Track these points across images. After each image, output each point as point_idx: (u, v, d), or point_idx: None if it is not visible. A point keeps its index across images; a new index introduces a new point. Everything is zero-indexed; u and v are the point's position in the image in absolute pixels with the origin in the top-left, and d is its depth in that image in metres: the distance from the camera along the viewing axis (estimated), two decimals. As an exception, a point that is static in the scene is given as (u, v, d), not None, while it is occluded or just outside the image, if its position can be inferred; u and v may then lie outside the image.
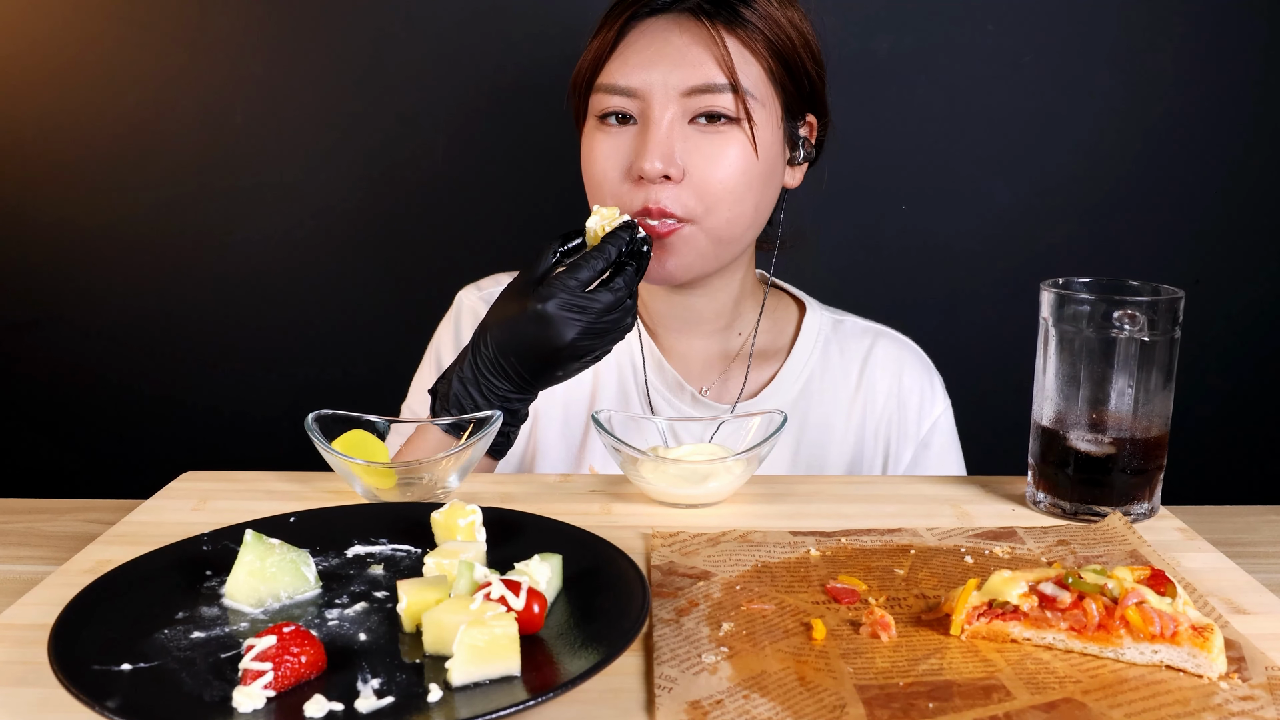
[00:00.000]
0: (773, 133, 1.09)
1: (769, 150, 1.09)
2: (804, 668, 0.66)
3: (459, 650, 0.61)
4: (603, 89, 1.09)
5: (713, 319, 1.20)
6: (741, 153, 1.06)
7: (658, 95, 1.06)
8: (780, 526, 0.89)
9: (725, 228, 1.08)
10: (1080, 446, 0.90)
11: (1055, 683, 0.64)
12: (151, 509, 0.93)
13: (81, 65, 1.55)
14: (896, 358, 1.23)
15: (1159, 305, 0.88)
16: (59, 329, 1.63)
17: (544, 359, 0.96)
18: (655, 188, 1.05)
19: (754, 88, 1.07)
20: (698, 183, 1.06)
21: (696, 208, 1.06)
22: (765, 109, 1.08)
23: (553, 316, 0.95)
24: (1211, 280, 1.60)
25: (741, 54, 1.06)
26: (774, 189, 1.12)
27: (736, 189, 1.07)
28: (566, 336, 0.95)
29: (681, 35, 1.07)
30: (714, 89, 1.05)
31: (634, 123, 1.08)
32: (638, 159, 1.05)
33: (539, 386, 1.00)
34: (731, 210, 1.07)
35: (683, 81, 1.05)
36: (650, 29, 1.08)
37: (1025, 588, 0.70)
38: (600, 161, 1.09)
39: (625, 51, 1.08)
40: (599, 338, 0.97)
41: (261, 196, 1.60)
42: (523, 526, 0.83)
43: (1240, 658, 0.67)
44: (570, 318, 0.95)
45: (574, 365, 0.99)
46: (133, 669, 0.63)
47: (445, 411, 0.99)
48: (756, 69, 1.07)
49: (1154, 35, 1.55)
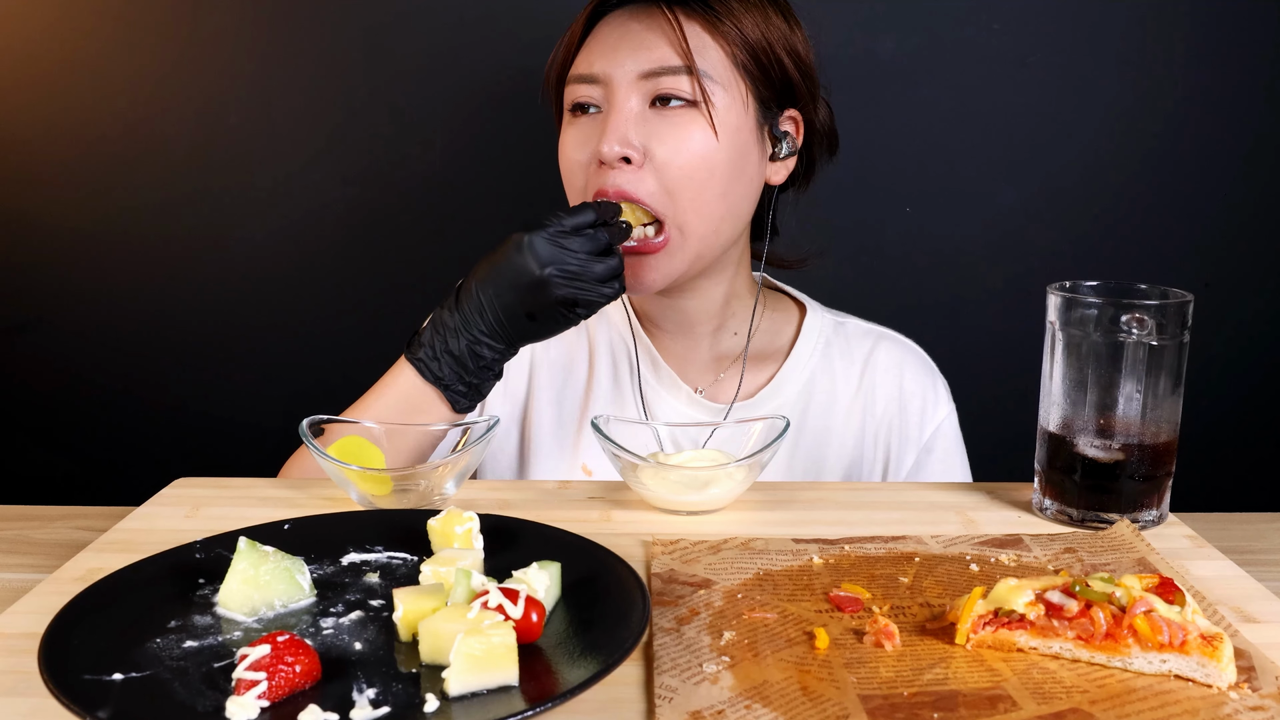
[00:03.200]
0: (738, 118, 1.09)
1: (734, 136, 1.09)
2: (807, 677, 0.65)
3: (456, 659, 0.61)
4: (572, 80, 1.12)
5: (705, 320, 1.20)
6: (701, 135, 1.07)
7: (618, 81, 1.07)
8: (782, 534, 0.88)
9: (695, 221, 1.08)
10: (1087, 452, 0.90)
11: (1062, 693, 0.64)
12: (143, 516, 0.92)
13: (72, 65, 1.55)
14: (898, 360, 1.22)
15: (1168, 309, 0.88)
16: (50, 332, 1.62)
17: (521, 292, 0.99)
18: (615, 172, 1.06)
19: (713, 70, 1.07)
20: (659, 166, 1.06)
21: (658, 193, 1.07)
22: (727, 93, 1.08)
23: (533, 242, 0.99)
24: (1221, 283, 1.60)
25: (700, 38, 1.08)
26: (747, 180, 1.12)
27: (697, 173, 1.07)
28: (540, 268, 0.98)
29: (641, 22, 1.09)
30: (669, 70, 1.06)
31: (598, 113, 1.10)
32: (599, 143, 1.07)
33: (515, 335, 1.02)
34: (695, 195, 1.07)
35: (639, 66, 1.07)
36: (614, 20, 1.11)
37: (1031, 596, 0.69)
38: (569, 150, 1.12)
39: (591, 43, 1.11)
40: (575, 281, 0.99)
41: (255, 198, 1.59)
42: (521, 534, 0.82)
43: (1250, 667, 0.66)
44: (549, 247, 0.99)
45: (551, 312, 1.01)
46: (124, 678, 0.62)
47: (418, 353, 1.02)
48: (717, 53, 1.08)
49: (1162, 35, 1.54)
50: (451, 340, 1.02)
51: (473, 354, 1.02)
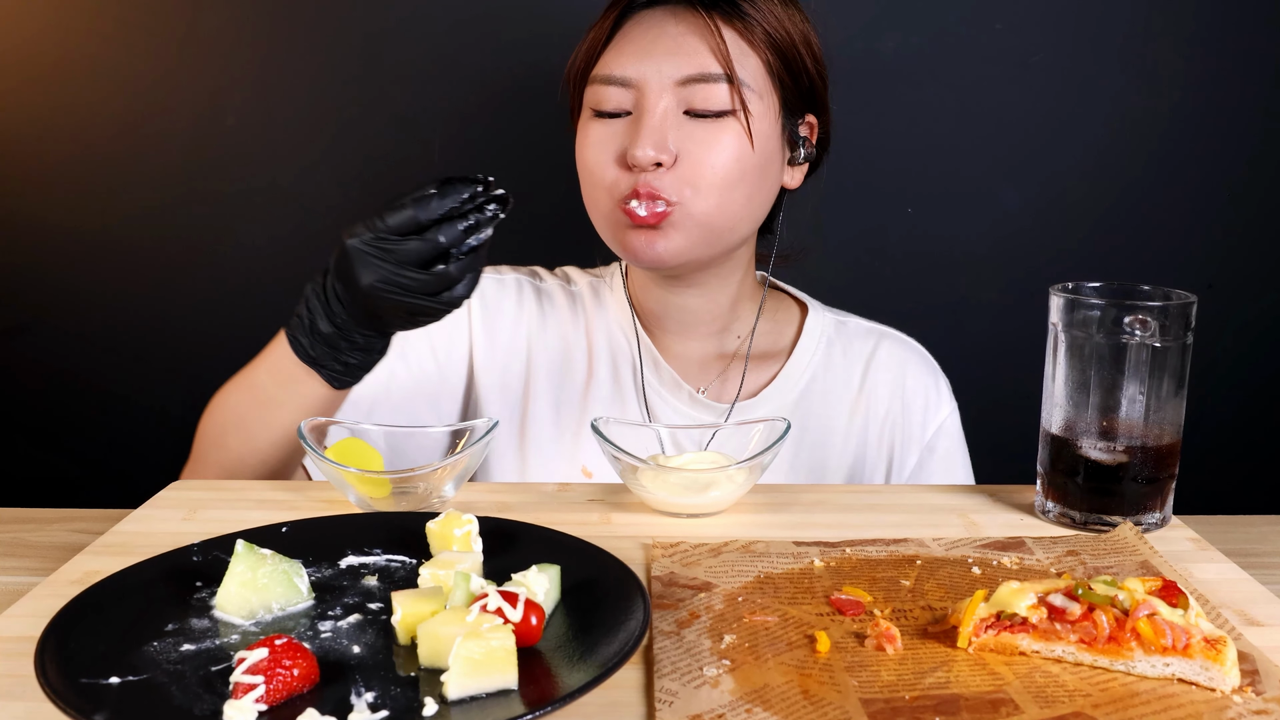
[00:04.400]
0: (770, 126, 1.09)
1: (765, 144, 1.08)
2: (808, 681, 0.65)
3: (455, 663, 0.61)
4: (598, 80, 1.09)
5: (709, 320, 1.19)
6: (736, 141, 1.06)
7: (652, 84, 1.06)
8: (783, 536, 0.87)
9: (715, 213, 1.07)
10: (1090, 455, 0.89)
11: (1064, 696, 0.63)
12: (140, 518, 0.92)
13: (69, 65, 1.55)
14: (901, 359, 1.22)
15: (1171, 310, 0.87)
16: (47, 334, 1.62)
17: (358, 298, 0.91)
18: (646, 174, 1.05)
19: (751, 80, 1.06)
20: (688, 168, 1.05)
21: (685, 190, 1.06)
22: (763, 101, 1.08)
23: (351, 253, 0.89)
24: (1225, 284, 1.59)
25: (739, 45, 1.06)
26: (769, 185, 1.12)
27: (729, 176, 1.06)
28: (363, 280, 0.89)
29: (678, 25, 1.07)
30: (709, 79, 1.05)
31: (627, 116, 1.08)
32: (630, 146, 1.05)
33: (381, 326, 0.95)
34: (721, 196, 1.07)
35: (677, 70, 1.05)
36: (646, 20, 1.09)
37: (1034, 599, 0.69)
38: (593, 149, 1.09)
39: (621, 42, 1.09)
40: (404, 295, 0.89)
41: (254, 200, 1.59)
42: (520, 536, 0.82)
43: (1254, 671, 0.66)
44: (371, 260, 0.88)
45: (395, 315, 0.92)
46: (121, 682, 0.62)
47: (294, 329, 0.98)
48: (754, 61, 1.07)
49: (1166, 34, 1.54)
50: (320, 321, 0.96)
51: (344, 338, 0.96)
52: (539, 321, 1.23)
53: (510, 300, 1.23)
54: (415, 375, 1.20)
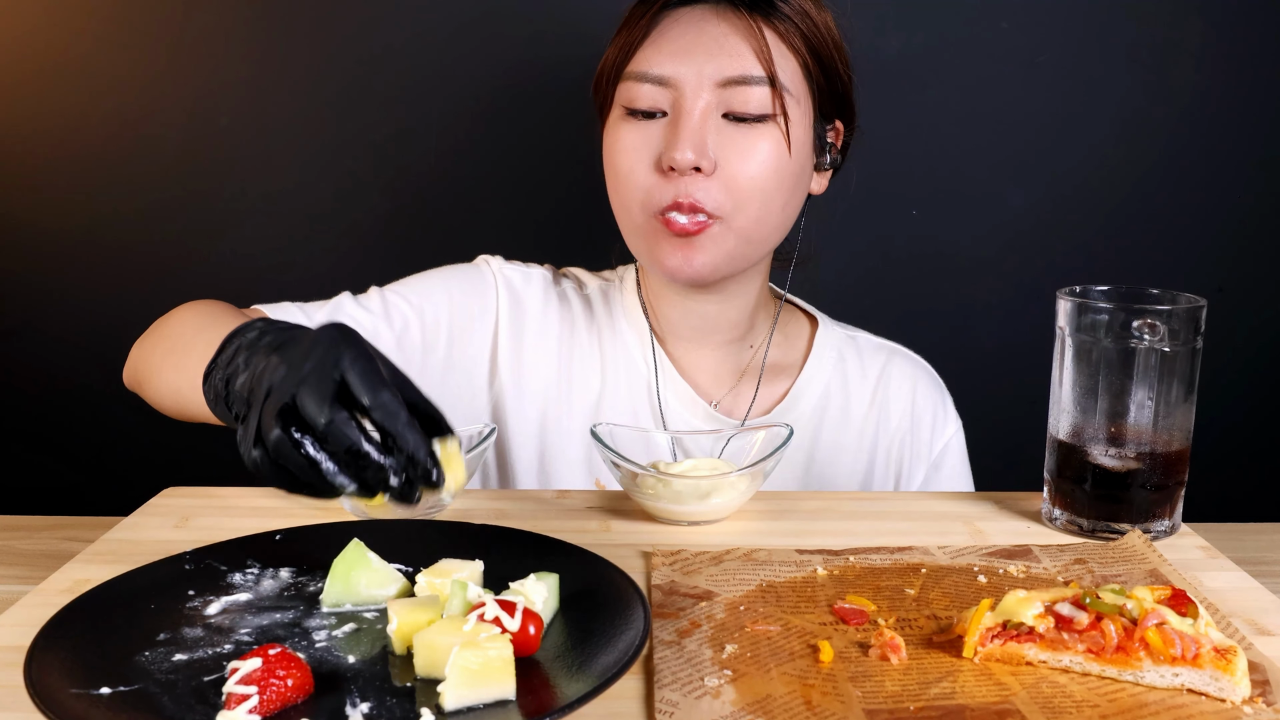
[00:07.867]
0: (805, 132, 1.08)
1: (801, 150, 1.07)
2: (810, 691, 0.64)
3: (452, 673, 0.60)
4: (633, 77, 1.06)
5: (727, 329, 1.18)
6: (774, 149, 1.04)
7: (691, 85, 1.04)
8: (786, 544, 0.87)
9: (753, 227, 1.06)
10: (1098, 461, 0.89)
11: (1072, 707, 0.63)
12: (131, 526, 0.91)
13: (59, 66, 1.54)
14: (911, 376, 1.21)
15: (1180, 314, 0.87)
16: (35, 338, 1.61)
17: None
18: (685, 180, 1.03)
19: (790, 83, 1.05)
20: (728, 177, 1.04)
21: (725, 203, 1.04)
22: (800, 107, 1.06)
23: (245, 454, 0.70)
24: (1235, 288, 1.58)
25: (779, 47, 1.05)
26: (802, 192, 1.11)
27: (767, 186, 1.05)
28: (243, 452, 0.70)
29: (719, 24, 1.05)
30: (750, 81, 1.03)
31: (663, 117, 1.06)
32: (668, 149, 1.03)
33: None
34: (761, 208, 1.05)
35: (719, 71, 1.03)
36: (685, 18, 1.06)
37: (1041, 608, 0.68)
38: (628, 153, 1.06)
39: (659, 40, 1.06)
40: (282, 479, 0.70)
41: (247, 203, 1.58)
42: (518, 544, 0.82)
43: (1264, 681, 0.66)
44: (261, 469, 0.69)
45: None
46: (112, 693, 0.62)
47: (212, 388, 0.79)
48: (793, 64, 1.06)
49: (1174, 33, 1.53)
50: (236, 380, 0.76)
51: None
52: (558, 325, 1.21)
53: (536, 298, 1.20)
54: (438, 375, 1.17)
